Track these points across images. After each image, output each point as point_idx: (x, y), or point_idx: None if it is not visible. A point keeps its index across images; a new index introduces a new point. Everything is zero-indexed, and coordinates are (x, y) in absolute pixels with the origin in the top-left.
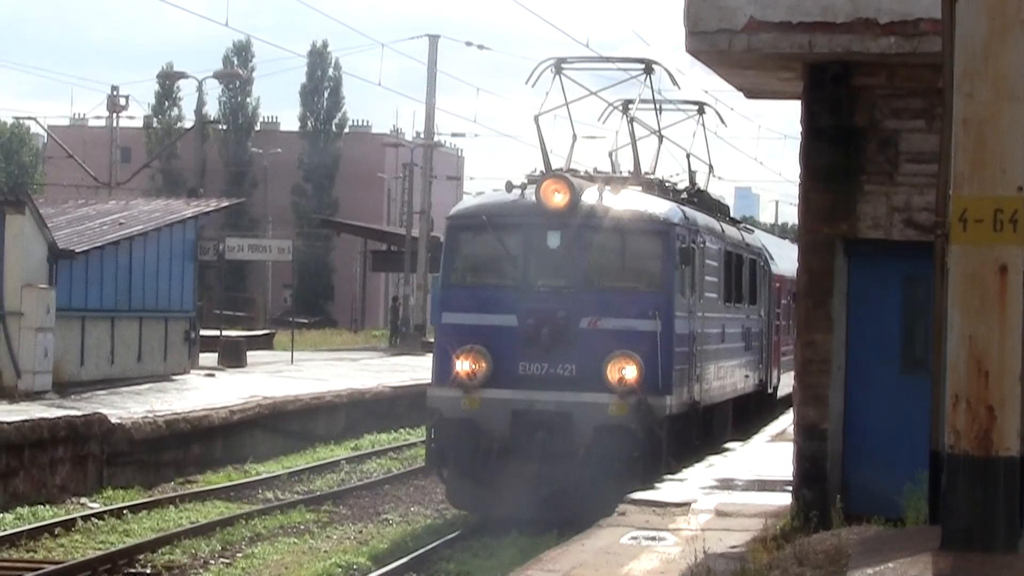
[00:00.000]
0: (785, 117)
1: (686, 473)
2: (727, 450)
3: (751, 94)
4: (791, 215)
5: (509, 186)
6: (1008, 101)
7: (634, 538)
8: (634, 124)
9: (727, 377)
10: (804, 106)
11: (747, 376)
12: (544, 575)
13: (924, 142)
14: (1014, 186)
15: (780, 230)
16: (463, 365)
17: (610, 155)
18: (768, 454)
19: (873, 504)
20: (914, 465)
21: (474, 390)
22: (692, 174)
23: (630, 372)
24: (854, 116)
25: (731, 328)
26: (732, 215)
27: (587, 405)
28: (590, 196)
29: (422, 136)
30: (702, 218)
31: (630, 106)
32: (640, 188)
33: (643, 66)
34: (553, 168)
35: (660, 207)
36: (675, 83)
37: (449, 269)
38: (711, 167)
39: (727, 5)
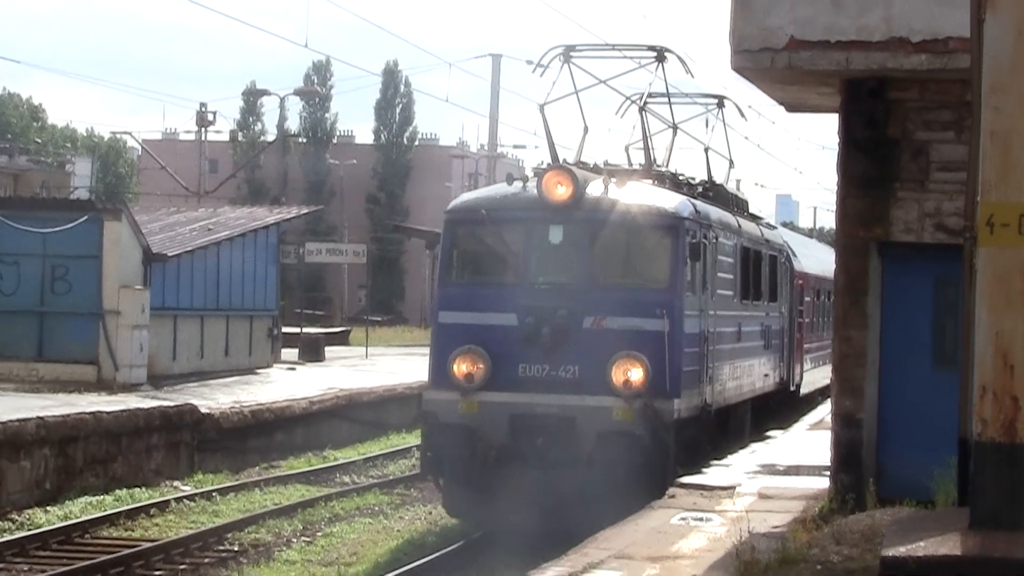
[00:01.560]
0: (823, 129)
1: (731, 459)
2: (769, 437)
3: (791, 108)
4: (828, 220)
5: (510, 178)
6: None
7: (683, 519)
8: (648, 117)
9: (744, 377)
10: (841, 119)
11: (767, 375)
12: (600, 552)
13: (953, 152)
14: None
15: (818, 234)
16: (460, 367)
17: (626, 149)
18: (807, 441)
19: (905, 488)
20: (944, 452)
21: (472, 393)
22: (709, 168)
23: (636, 374)
24: (888, 128)
25: (749, 326)
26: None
27: (590, 409)
28: (595, 189)
29: (486, 148)
30: (715, 212)
31: (649, 100)
32: (651, 181)
33: (655, 54)
34: (563, 159)
35: (669, 200)
36: (688, 71)
37: (446, 266)
38: (731, 162)
39: (769, 26)
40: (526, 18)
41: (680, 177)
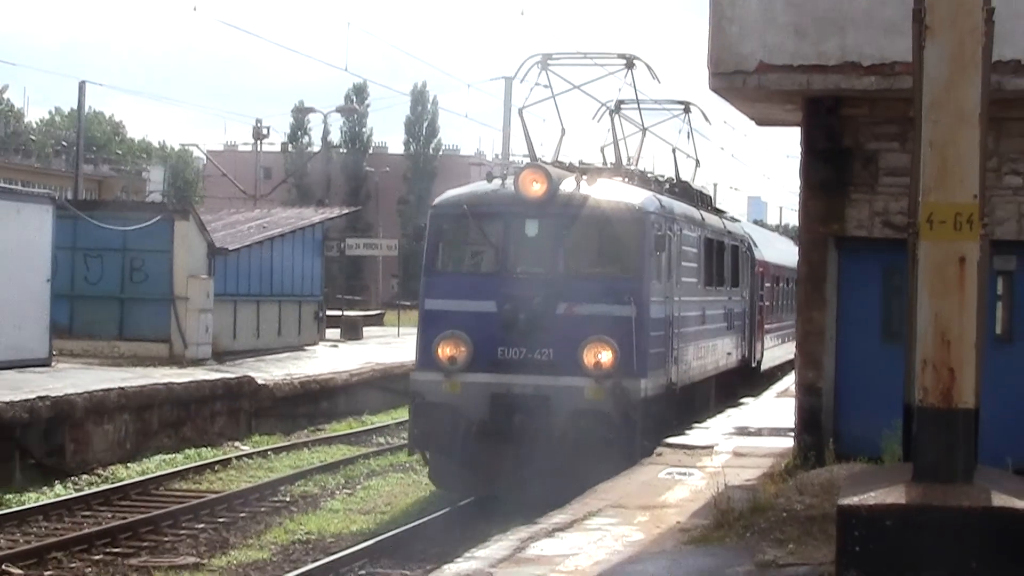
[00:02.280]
0: (788, 140)
1: (709, 422)
2: (742, 404)
3: (760, 122)
4: (793, 218)
5: (490, 176)
6: (965, 127)
7: (669, 473)
8: (622, 120)
9: (708, 356)
10: (803, 132)
11: (729, 353)
12: (598, 502)
13: (898, 160)
14: (970, 194)
15: (783, 230)
16: (444, 350)
17: (601, 150)
18: (775, 407)
19: (858, 447)
20: (891, 416)
21: (455, 374)
22: (677, 167)
23: (606, 356)
24: (843, 139)
25: (712, 310)
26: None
27: (564, 389)
28: (568, 186)
29: (500, 157)
30: (679, 206)
31: (623, 106)
32: (621, 179)
33: (624, 61)
34: (540, 159)
35: (636, 196)
36: (655, 78)
37: (431, 257)
38: (697, 161)
39: (741, 52)
40: (535, 46)
41: (648, 175)
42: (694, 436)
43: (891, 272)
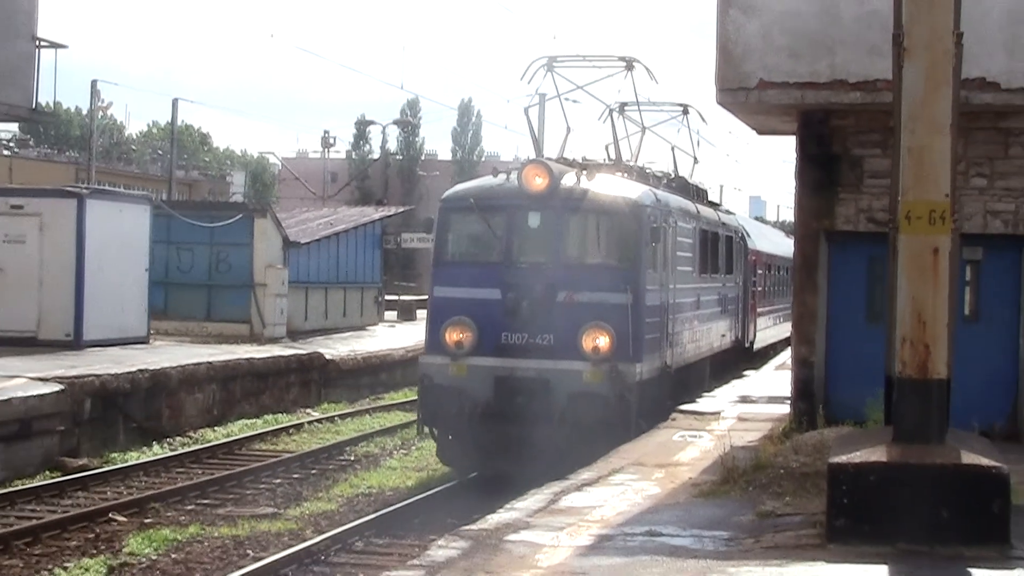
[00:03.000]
0: (785, 147)
1: (716, 392)
2: (745, 376)
3: (761, 132)
4: (789, 214)
5: (495, 171)
6: (938, 135)
7: (682, 436)
8: (625, 121)
9: (703, 339)
10: (798, 140)
11: (724, 335)
12: (620, 461)
13: (880, 164)
14: (942, 193)
15: (780, 225)
16: (451, 335)
17: (606, 148)
18: (773, 379)
19: (846, 413)
20: (874, 386)
21: (461, 358)
22: (676, 163)
23: (603, 342)
24: (832, 146)
25: (707, 296)
26: (712, 200)
27: (563, 372)
28: (568, 180)
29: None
30: (675, 200)
31: (626, 107)
32: (621, 174)
33: (624, 64)
34: (545, 156)
35: (633, 190)
36: (653, 79)
37: (441, 247)
38: (695, 159)
39: (744, 71)
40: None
41: (647, 171)
42: (703, 403)
43: (874, 261)
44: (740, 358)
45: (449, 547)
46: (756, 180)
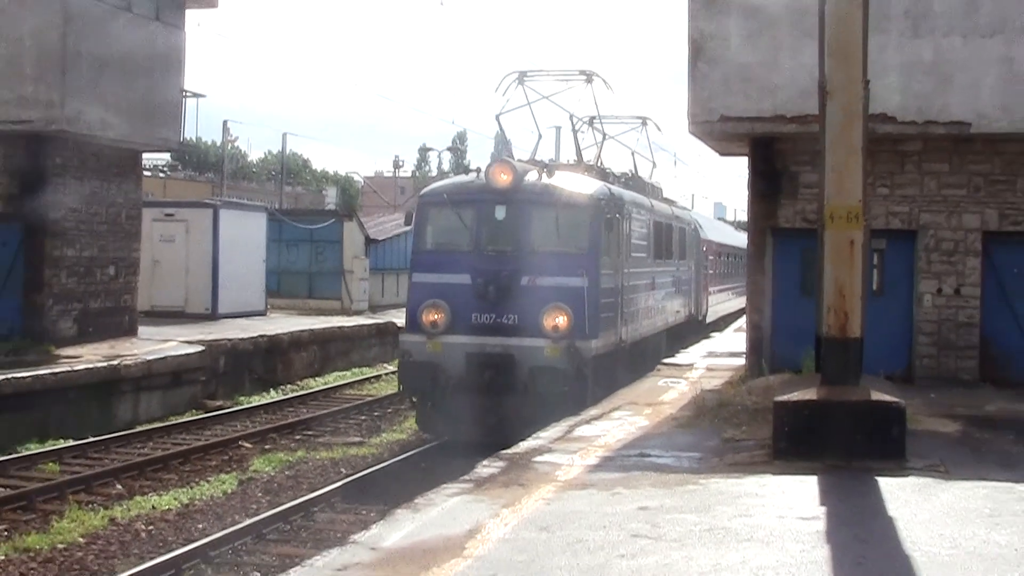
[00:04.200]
0: (740, 165)
1: (690, 348)
2: (711, 336)
3: (722, 154)
4: (743, 215)
5: (467, 170)
6: (853, 156)
7: (664, 382)
8: (592, 130)
9: (657, 316)
10: (750, 159)
11: (678, 311)
12: (618, 401)
13: (811, 177)
14: (856, 199)
15: (737, 224)
16: (428, 316)
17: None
18: (733, 339)
19: (786, 363)
20: (807, 343)
21: (436, 336)
22: (636, 165)
23: (562, 321)
24: (776, 164)
25: (661, 278)
26: (668, 197)
27: (527, 348)
28: (531, 177)
29: None
30: (630, 195)
31: (593, 120)
32: (583, 173)
33: (584, 77)
34: (516, 159)
35: (589, 186)
36: (609, 88)
37: (418, 238)
38: (653, 163)
39: (710, 107)
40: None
41: (607, 170)
42: (680, 358)
43: (806, 251)
44: (694, 330)
45: (491, 466)
46: (719, 190)
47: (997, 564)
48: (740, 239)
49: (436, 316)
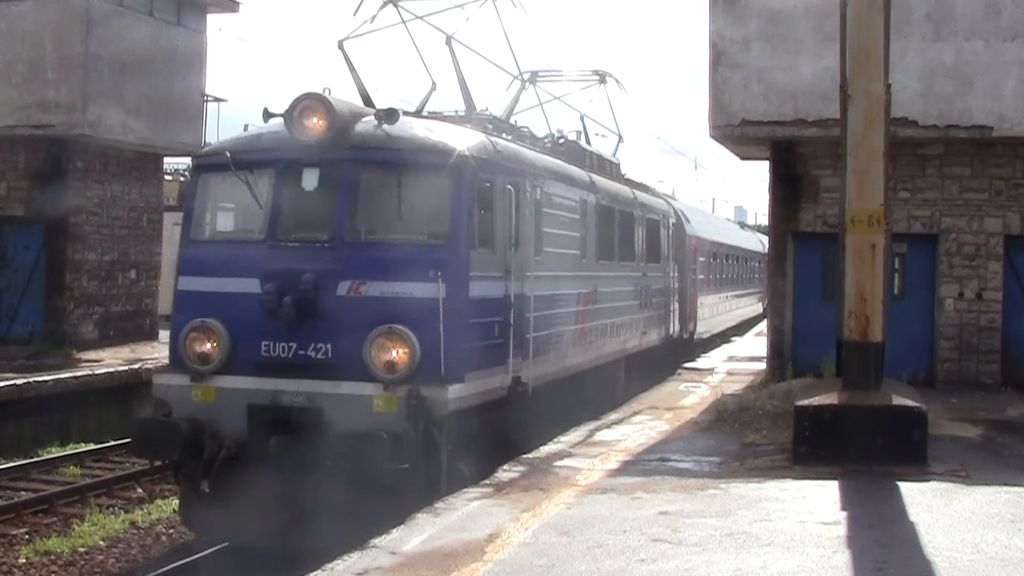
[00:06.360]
0: (761, 169)
1: (711, 352)
2: (731, 341)
3: (743, 158)
4: (764, 220)
5: (266, 114)
6: (874, 160)
7: (685, 387)
8: (537, 90)
9: (606, 339)
10: (771, 163)
11: (644, 332)
12: (639, 406)
13: (832, 181)
14: (878, 203)
15: (758, 228)
16: (193, 345)
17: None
18: (754, 343)
19: (807, 367)
20: (828, 347)
21: (207, 377)
22: (586, 133)
23: (400, 354)
24: (797, 168)
25: (612, 287)
26: (631, 179)
27: (343, 398)
28: (364, 126)
29: None
30: (540, 159)
31: (538, 76)
32: (468, 126)
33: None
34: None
35: (455, 137)
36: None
37: (188, 222)
38: (620, 137)
39: (730, 111)
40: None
41: (520, 128)
42: (700, 362)
43: (828, 254)
44: (676, 351)
45: (511, 470)
46: (740, 194)
47: (1019, 569)
48: (743, 238)
49: (206, 345)
